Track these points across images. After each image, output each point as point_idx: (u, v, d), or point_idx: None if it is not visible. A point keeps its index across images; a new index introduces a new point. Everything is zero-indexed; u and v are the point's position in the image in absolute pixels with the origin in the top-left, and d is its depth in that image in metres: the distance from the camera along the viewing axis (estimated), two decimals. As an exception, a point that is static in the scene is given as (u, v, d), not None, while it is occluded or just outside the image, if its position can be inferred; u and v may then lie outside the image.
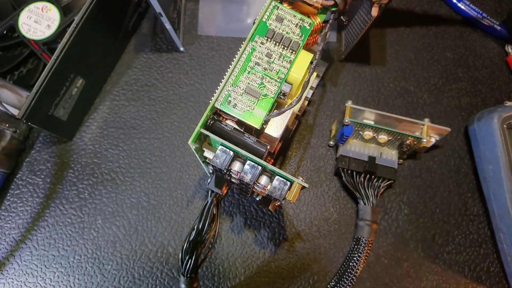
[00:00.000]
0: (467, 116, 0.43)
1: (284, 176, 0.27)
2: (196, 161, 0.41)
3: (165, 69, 0.44)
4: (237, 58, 0.28)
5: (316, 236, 0.39)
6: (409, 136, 0.37)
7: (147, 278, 0.37)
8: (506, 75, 0.45)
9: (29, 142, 0.41)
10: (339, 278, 0.36)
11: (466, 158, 0.42)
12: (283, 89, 0.28)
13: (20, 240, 0.38)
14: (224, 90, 0.28)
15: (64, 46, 0.35)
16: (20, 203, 0.39)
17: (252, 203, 0.40)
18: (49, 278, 0.37)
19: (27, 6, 0.38)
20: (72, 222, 0.39)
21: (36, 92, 0.34)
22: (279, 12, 0.29)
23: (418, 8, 0.48)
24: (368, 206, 0.38)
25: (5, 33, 0.37)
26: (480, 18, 0.46)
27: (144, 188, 0.40)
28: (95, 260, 0.38)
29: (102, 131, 0.42)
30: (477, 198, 0.41)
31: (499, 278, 0.38)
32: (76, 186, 0.40)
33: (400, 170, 0.41)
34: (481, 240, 0.39)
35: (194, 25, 0.46)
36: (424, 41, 0.46)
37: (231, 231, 0.39)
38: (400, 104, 0.44)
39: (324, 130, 0.42)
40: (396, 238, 0.39)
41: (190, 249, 0.35)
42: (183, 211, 0.39)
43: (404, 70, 0.45)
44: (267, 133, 0.29)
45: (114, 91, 0.43)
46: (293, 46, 0.29)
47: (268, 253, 0.38)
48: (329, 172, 0.41)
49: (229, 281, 0.37)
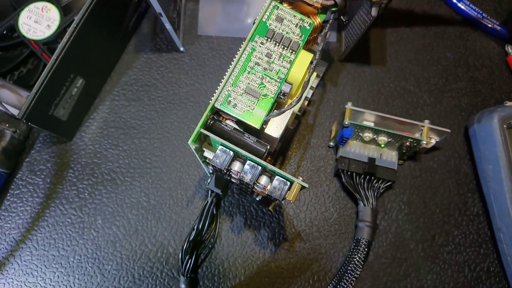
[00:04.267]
0: (467, 116, 0.43)
1: (284, 176, 0.27)
2: (196, 161, 0.41)
3: (165, 69, 0.44)
4: (237, 58, 0.28)
5: (316, 236, 0.39)
6: (409, 138, 0.37)
7: (147, 278, 0.37)
8: (506, 75, 0.45)
9: (29, 142, 0.41)
10: (339, 280, 0.36)
11: (466, 158, 0.42)
12: (283, 89, 0.28)
13: (20, 240, 0.38)
14: (224, 90, 0.28)
15: (64, 46, 0.35)
16: (20, 203, 0.39)
17: (252, 203, 0.40)
18: (49, 278, 0.37)
19: (27, 6, 0.38)
20: (72, 222, 0.39)
21: (36, 92, 0.34)
22: (279, 12, 0.29)
23: (418, 8, 0.48)
24: (368, 207, 0.38)
25: (5, 33, 0.37)
26: (480, 18, 0.46)
27: (144, 188, 0.40)
28: (95, 260, 0.38)
29: (102, 131, 0.42)
30: (477, 198, 0.41)
31: (499, 278, 0.38)
32: (76, 186, 0.40)
33: (400, 170, 0.41)
34: (481, 240, 0.39)
35: (194, 25, 0.46)
36: (424, 41, 0.46)
37: (231, 231, 0.39)
38: (400, 104, 0.44)
39: (324, 130, 0.42)
40: (396, 238, 0.39)
41: (190, 249, 0.35)
42: (183, 211, 0.39)
43: (404, 70, 0.45)
44: (267, 133, 0.29)
45: (114, 91, 0.43)
46: (293, 46, 0.29)
47: (268, 253, 0.38)
48: (329, 172, 0.41)
49: (229, 281, 0.37)
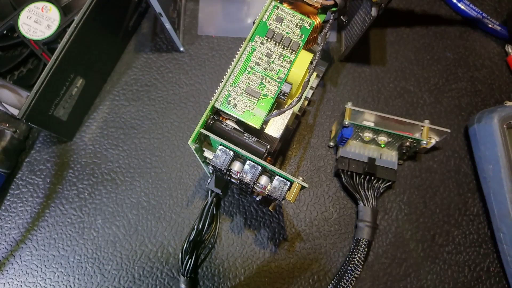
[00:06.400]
0: (467, 116, 0.43)
1: (284, 176, 0.27)
2: (196, 161, 0.41)
3: (165, 69, 0.44)
4: (237, 58, 0.28)
5: (316, 236, 0.39)
6: (409, 138, 0.37)
7: (147, 278, 0.37)
8: (506, 75, 0.45)
9: (29, 142, 0.41)
10: (339, 280, 0.36)
11: (466, 158, 0.42)
12: (283, 89, 0.28)
13: (20, 240, 0.38)
14: (224, 90, 0.28)
15: (64, 46, 0.35)
16: (20, 203, 0.39)
17: (252, 203, 0.40)
18: (49, 278, 0.37)
19: (27, 6, 0.38)
20: (72, 222, 0.39)
21: (36, 92, 0.34)
22: (279, 12, 0.29)
23: (418, 8, 0.48)
24: (368, 207, 0.38)
25: (5, 33, 0.37)
26: (480, 18, 0.46)
27: (144, 188, 0.40)
28: (95, 260, 0.38)
29: (102, 131, 0.42)
30: (477, 198, 0.41)
31: (499, 278, 0.38)
32: (76, 186, 0.40)
33: (400, 170, 0.41)
34: (481, 240, 0.39)
35: (194, 25, 0.46)
36: (424, 41, 0.46)
37: (231, 231, 0.39)
38: (400, 104, 0.44)
39: (324, 130, 0.42)
40: (396, 238, 0.39)
41: (190, 249, 0.35)
42: (183, 211, 0.39)
43: (404, 70, 0.45)
44: (267, 133, 0.29)
45: (114, 91, 0.43)
46: (293, 46, 0.28)
47: (268, 253, 0.38)
48: (329, 172, 0.41)
49: (229, 281, 0.37)
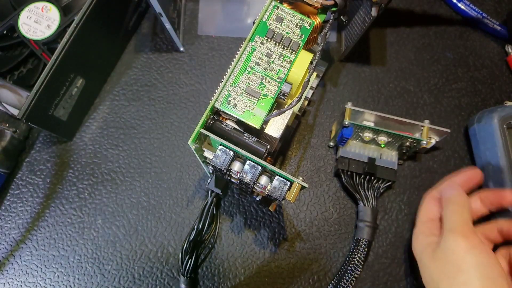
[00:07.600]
0: (467, 116, 0.43)
1: (284, 176, 0.27)
2: (196, 161, 0.41)
3: (165, 69, 0.44)
4: (237, 58, 0.28)
5: (316, 236, 0.39)
6: (409, 138, 0.37)
7: (147, 278, 0.37)
8: (506, 75, 0.45)
9: (29, 142, 0.41)
10: (339, 280, 0.36)
11: (466, 158, 0.42)
12: (283, 89, 0.28)
13: (20, 240, 0.38)
14: (224, 90, 0.28)
15: (64, 46, 0.35)
16: (20, 203, 0.39)
17: (252, 203, 0.40)
18: (49, 278, 0.37)
19: (27, 6, 0.38)
20: (72, 222, 0.39)
21: (36, 92, 0.34)
22: (279, 12, 0.29)
23: (418, 8, 0.48)
24: (368, 207, 0.38)
25: (5, 33, 0.38)
26: (480, 18, 0.46)
27: (144, 188, 0.40)
28: (95, 260, 0.38)
29: (102, 131, 0.42)
30: (477, 198, 0.40)
31: (499, 278, 0.38)
32: (76, 186, 0.40)
33: (400, 170, 0.41)
34: (481, 240, 0.39)
35: (194, 25, 0.46)
36: (424, 41, 0.46)
37: (231, 231, 0.39)
38: (400, 104, 0.44)
39: (324, 130, 0.42)
40: (396, 238, 0.39)
41: (190, 249, 0.35)
42: (183, 211, 0.39)
43: (404, 70, 0.45)
44: (267, 133, 0.29)
45: (114, 91, 0.43)
46: (293, 46, 0.28)
47: (268, 253, 0.38)
48: (329, 172, 0.41)
49: (229, 281, 0.37)
